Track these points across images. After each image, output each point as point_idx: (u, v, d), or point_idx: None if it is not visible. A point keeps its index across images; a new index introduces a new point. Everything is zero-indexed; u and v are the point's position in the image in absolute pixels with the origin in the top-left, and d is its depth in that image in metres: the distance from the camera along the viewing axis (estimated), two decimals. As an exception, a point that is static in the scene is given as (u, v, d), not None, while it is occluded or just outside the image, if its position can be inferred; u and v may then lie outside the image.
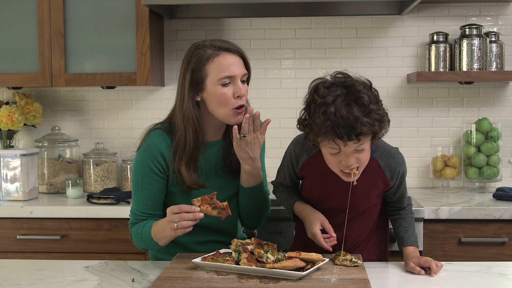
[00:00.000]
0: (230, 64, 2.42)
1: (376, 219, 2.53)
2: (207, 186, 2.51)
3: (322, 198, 2.45)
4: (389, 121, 2.23)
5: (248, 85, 2.52)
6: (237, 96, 2.43)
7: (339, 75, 2.22)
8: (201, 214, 2.25)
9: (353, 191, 2.34)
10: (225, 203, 2.29)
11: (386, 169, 2.39)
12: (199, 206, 2.26)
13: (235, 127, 2.41)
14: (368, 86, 2.21)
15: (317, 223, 2.35)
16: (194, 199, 2.28)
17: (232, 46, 2.47)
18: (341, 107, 2.10)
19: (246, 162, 2.48)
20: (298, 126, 2.29)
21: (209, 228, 2.59)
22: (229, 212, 2.30)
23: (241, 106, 2.45)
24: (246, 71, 2.48)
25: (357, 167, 2.25)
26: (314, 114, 2.16)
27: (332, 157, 2.23)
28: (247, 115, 2.39)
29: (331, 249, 2.33)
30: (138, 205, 2.53)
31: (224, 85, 2.42)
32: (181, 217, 2.25)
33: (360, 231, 2.49)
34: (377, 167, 2.38)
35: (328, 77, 2.24)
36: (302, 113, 2.27)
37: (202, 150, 2.52)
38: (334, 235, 2.33)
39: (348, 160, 2.19)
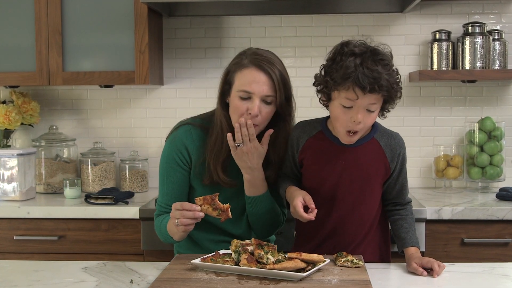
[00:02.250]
0: (253, 80, 2.42)
1: (376, 215, 2.51)
2: (237, 185, 2.55)
3: (322, 181, 2.44)
4: (400, 94, 2.35)
5: (280, 109, 2.50)
6: (248, 113, 2.42)
7: (366, 41, 2.35)
8: (201, 214, 2.31)
9: (352, 173, 2.40)
10: (226, 206, 2.31)
11: (387, 149, 2.43)
12: (200, 206, 2.30)
13: (229, 134, 2.44)
14: (390, 57, 2.34)
15: (299, 197, 2.34)
16: (196, 198, 2.32)
17: (265, 65, 2.44)
18: (368, 60, 2.23)
19: (245, 171, 2.51)
20: (316, 77, 2.39)
21: (223, 231, 2.64)
22: (229, 215, 2.31)
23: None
24: (271, 93, 2.44)
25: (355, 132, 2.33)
26: (340, 61, 2.26)
27: (343, 112, 2.28)
28: (237, 124, 2.41)
29: (312, 217, 2.31)
30: (163, 196, 2.63)
31: (242, 98, 2.43)
32: (182, 215, 2.30)
33: (359, 224, 2.47)
34: (378, 147, 2.43)
35: (356, 41, 2.35)
36: (322, 67, 2.37)
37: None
38: (315, 208, 2.31)
39: (358, 115, 2.25)
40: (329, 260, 2.20)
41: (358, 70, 2.20)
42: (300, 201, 2.31)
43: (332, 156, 2.41)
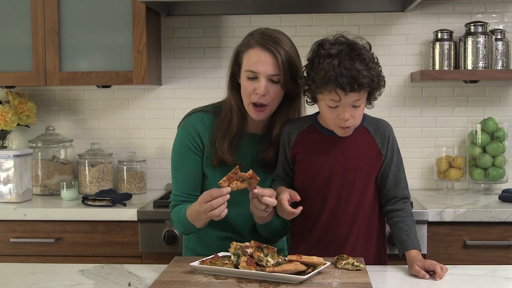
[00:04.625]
0: (258, 60, 2.45)
1: (372, 214, 2.49)
2: (242, 167, 2.53)
3: (315, 174, 2.45)
4: (384, 83, 2.37)
5: (285, 89, 2.49)
6: (256, 93, 2.45)
7: (341, 37, 2.37)
8: (228, 189, 2.31)
9: (345, 162, 2.42)
10: (250, 172, 2.32)
11: (376, 134, 2.46)
12: (228, 186, 2.30)
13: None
14: (368, 48, 2.37)
15: (285, 193, 2.37)
16: (220, 181, 2.32)
17: (270, 45, 2.46)
18: (345, 60, 2.26)
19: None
20: (300, 81, 2.43)
21: (229, 227, 2.64)
22: (257, 177, 2.32)
23: (260, 105, 2.48)
24: (276, 72, 2.45)
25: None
26: (318, 65, 2.31)
27: (330, 112, 2.34)
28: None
29: (294, 211, 2.34)
30: (178, 185, 2.62)
31: (249, 78, 2.47)
32: (212, 206, 2.30)
33: (353, 218, 2.45)
34: (367, 134, 2.46)
35: (331, 37, 2.38)
36: (304, 69, 2.42)
37: (245, 138, 2.60)
38: (298, 198, 2.36)
39: (345, 113, 2.30)
40: (329, 263, 2.18)
41: (336, 71, 2.24)
42: (286, 196, 2.34)
43: (324, 148, 2.44)
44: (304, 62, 2.44)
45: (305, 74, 2.39)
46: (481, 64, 3.65)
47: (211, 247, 2.62)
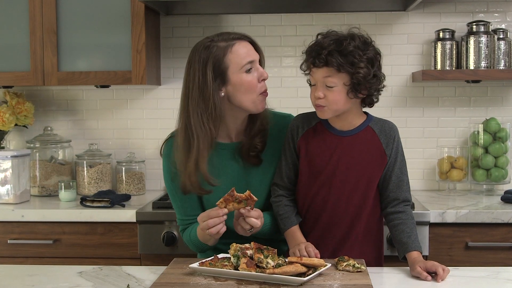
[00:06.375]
0: (247, 50, 2.51)
1: (373, 214, 2.48)
2: (219, 183, 2.52)
3: (319, 170, 2.46)
4: (376, 80, 2.36)
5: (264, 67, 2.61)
6: (262, 80, 2.52)
7: (354, 29, 2.41)
8: (225, 210, 2.33)
9: (349, 161, 2.43)
10: (247, 193, 2.31)
11: (381, 134, 2.46)
12: (225, 207, 2.31)
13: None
14: (367, 42, 2.37)
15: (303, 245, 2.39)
16: (218, 202, 2.32)
17: (240, 34, 2.56)
18: (324, 39, 2.33)
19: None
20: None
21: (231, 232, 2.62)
22: (254, 198, 2.31)
23: (265, 91, 2.55)
24: (259, 55, 2.56)
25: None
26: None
27: (311, 90, 2.40)
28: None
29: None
30: (180, 210, 2.64)
31: (248, 71, 2.48)
32: (208, 225, 2.33)
33: (354, 216, 2.44)
34: (372, 134, 2.46)
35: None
36: None
37: (214, 148, 2.56)
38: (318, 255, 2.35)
39: (317, 91, 2.36)
40: (330, 265, 2.19)
41: (311, 47, 2.36)
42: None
43: (329, 145, 2.45)
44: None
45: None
46: (483, 64, 3.63)
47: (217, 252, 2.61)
